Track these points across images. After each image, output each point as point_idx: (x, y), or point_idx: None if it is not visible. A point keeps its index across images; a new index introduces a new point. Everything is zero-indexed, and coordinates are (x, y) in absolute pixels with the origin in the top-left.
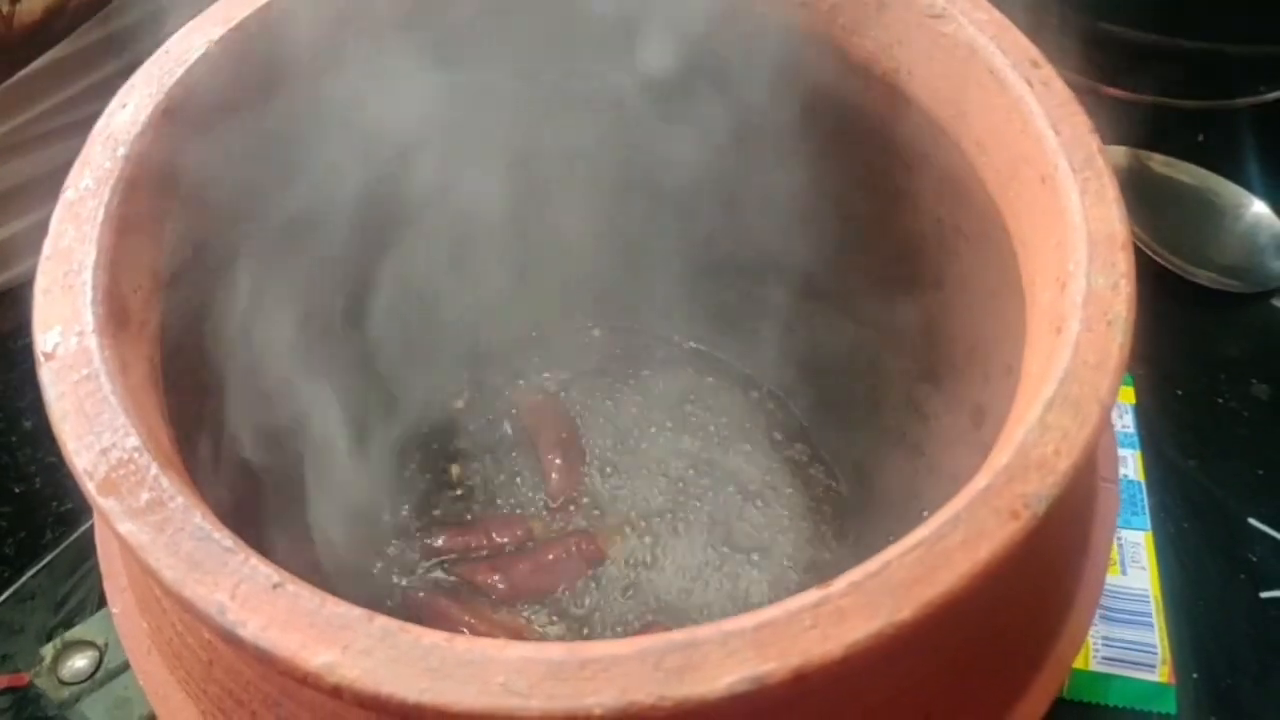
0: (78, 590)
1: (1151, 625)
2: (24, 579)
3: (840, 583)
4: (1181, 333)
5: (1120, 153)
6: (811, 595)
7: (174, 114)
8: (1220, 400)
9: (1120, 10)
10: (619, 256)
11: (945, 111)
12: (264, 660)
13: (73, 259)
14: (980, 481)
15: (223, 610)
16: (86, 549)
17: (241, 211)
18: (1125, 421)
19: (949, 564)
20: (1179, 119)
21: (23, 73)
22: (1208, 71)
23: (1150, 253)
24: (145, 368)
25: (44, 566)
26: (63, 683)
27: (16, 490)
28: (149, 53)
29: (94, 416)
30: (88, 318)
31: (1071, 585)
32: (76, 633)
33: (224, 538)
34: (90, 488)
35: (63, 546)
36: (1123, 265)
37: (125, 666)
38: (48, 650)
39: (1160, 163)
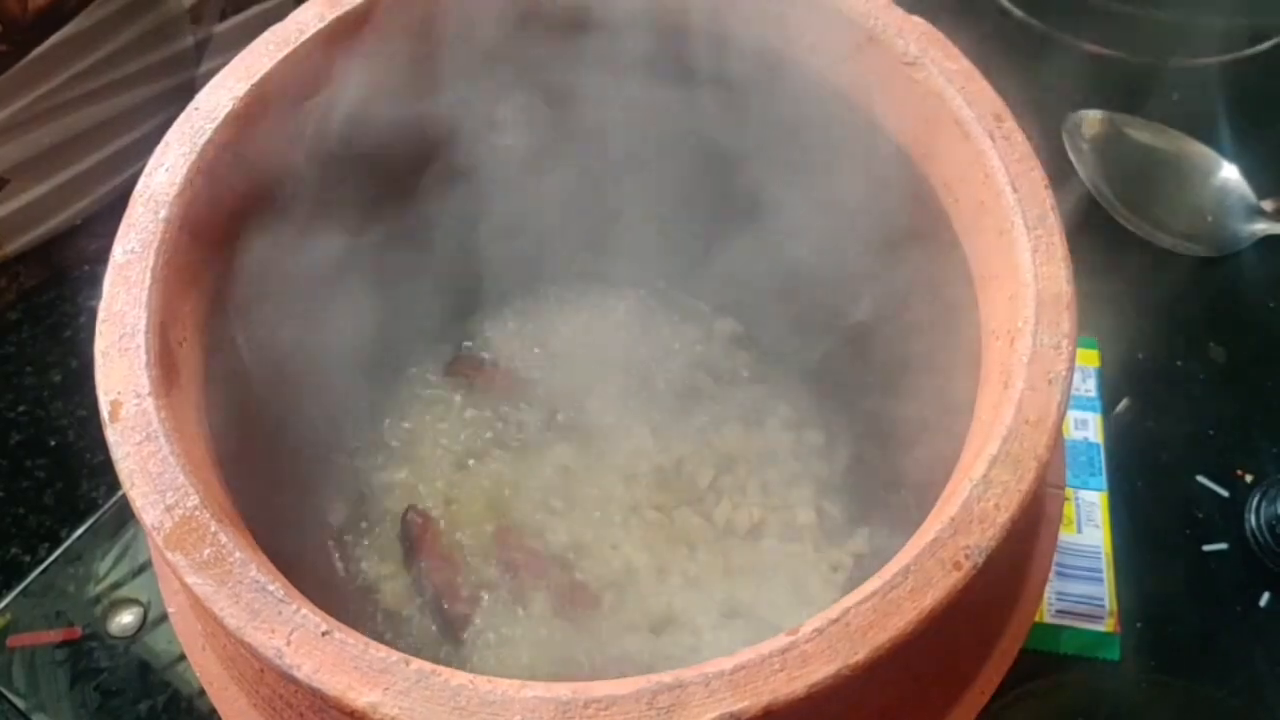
0: (122, 549)
1: (1102, 580)
2: (71, 540)
3: (806, 629)
4: (1147, 297)
5: (1096, 118)
6: (781, 640)
7: (208, 172)
8: (1179, 362)
9: None
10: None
11: (917, 150)
12: (316, 696)
13: (126, 322)
14: (929, 533)
15: (280, 655)
16: (128, 509)
17: (269, 250)
18: (1089, 386)
19: (898, 611)
20: (1155, 76)
21: (39, 48)
22: (1184, 28)
23: (1120, 218)
24: (194, 417)
25: (89, 527)
26: (111, 636)
27: (51, 443)
28: (159, 22)
29: (157, 476)
30: (144, 380)
31: (1016, 587)
32: (122, 592)
33: (278, 589)
34: (158, 541)
35: (105, 509)
36: (1066, 325)
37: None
38: (96, 607)
39: (1135, 127)
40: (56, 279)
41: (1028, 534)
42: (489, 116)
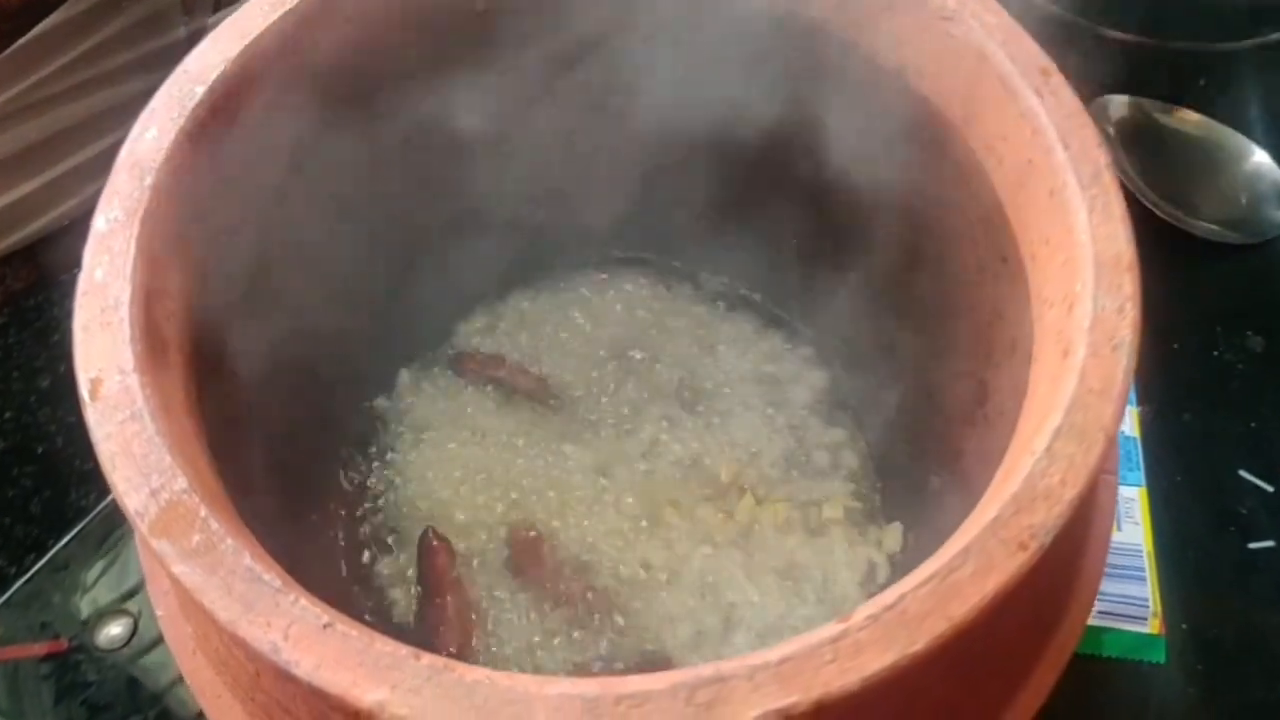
0: (110, 557)
1: (1144, 579)
2: (57, 547)
3: (858, 616)
4: (1180, 285)
5: (1123, 102)
6: (831, 629)
7: (197, 136)
8: (1216, 353)
9: None
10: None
11: (955, 112)
12: (316, 696)
13: (108, 294)
14: (989, 511)
15: (277, 650)
16: (116, 515)
17: (259, 221)
18: None
19: (960, 596)
20: (1181, 62)
21: (25, 37)
22: (1210, 12)
23: (1150, 205)
24: (182, 397)
25: (76, 535)
26: (99, 649)
27: (38, 450)
28: (149, 12)
29: (141, 458)
30: (127, 356)
31: (1073, 578)
32: (111, 601)
33: (274, 579)
34: (142, 529)
35: (93, 514)
36: (1129, 288)
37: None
38: (84, 617)
39: (1162, 112)
40: (44, 282)
41: (1084, 519)
42: (504, 81)
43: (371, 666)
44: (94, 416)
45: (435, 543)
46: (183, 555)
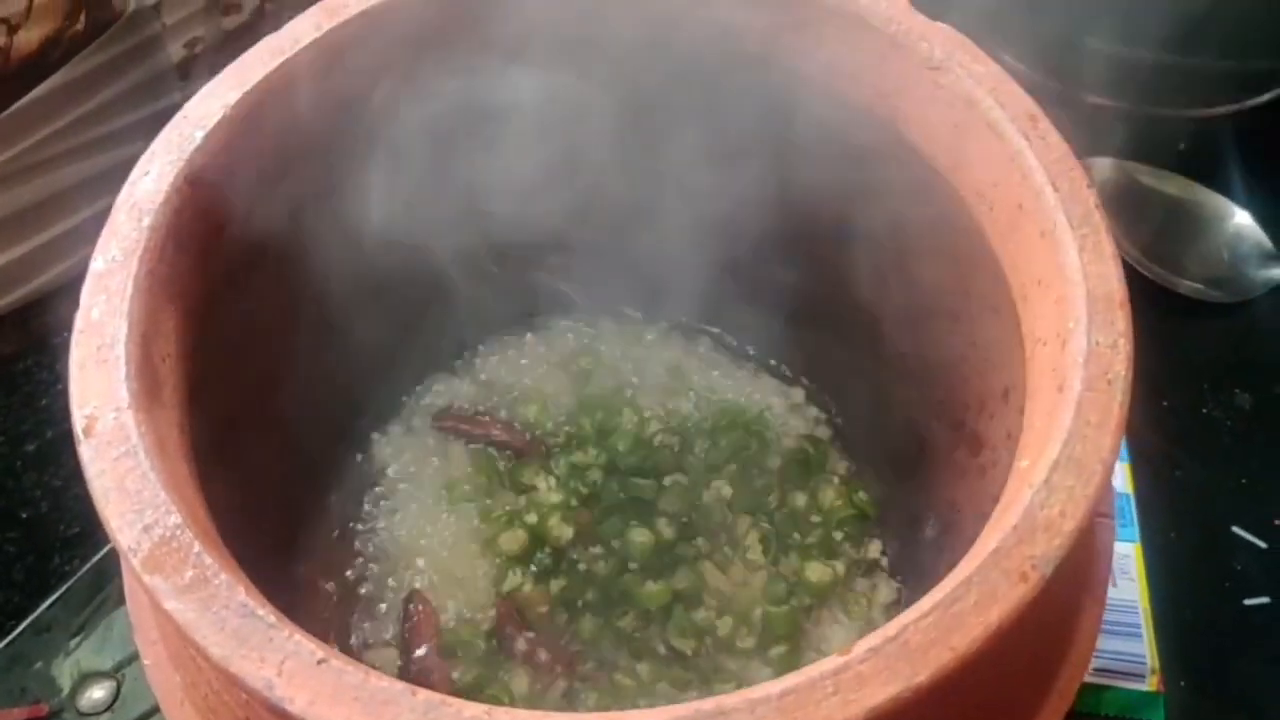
0: (94, 620)
1: (1141, 636)
2: (39, 610)
3: (859, 648)
4: (1166, 343)
5: (1106, 165)
6: (832, 662)
7: (196, 180)
8: (1205, 410)
9: (1102, 24)
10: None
11: (944, 160)
12: None
13: (105, 333)
14: (990, 543)
15: (271, 686)
16: (100, 578)
17: (255, 267)
18: None
19: (962, 627)
20: (1161, 127)
21: (22, 101)
22: (1189, 80)
23: (1135, 264)
24: (177, 437)
25: (59, 597)
26: (81, 714)
27: (23, 515)
28: (146, 77)
29: (135, 493)
30: (123, 394)
31: (1073, 619)
32: (94, 664)
33: (268, 614)
34: (135, 564)
35: (77, 576)
36: (1121, 324)
37: (142, 697)
38: (65, 681)
39: (1145, 174)
40: (35, 346)
41: (1083, 556)
42: (494, 129)
43: (367, 702)
44: (88, 453)
45: (419, 605)
46: (175, 591)
